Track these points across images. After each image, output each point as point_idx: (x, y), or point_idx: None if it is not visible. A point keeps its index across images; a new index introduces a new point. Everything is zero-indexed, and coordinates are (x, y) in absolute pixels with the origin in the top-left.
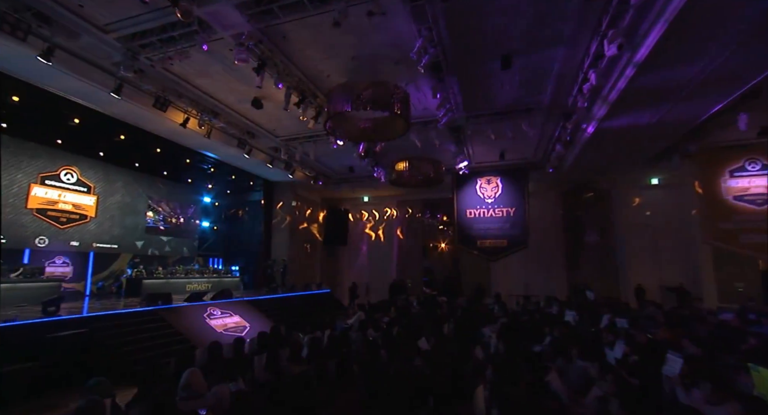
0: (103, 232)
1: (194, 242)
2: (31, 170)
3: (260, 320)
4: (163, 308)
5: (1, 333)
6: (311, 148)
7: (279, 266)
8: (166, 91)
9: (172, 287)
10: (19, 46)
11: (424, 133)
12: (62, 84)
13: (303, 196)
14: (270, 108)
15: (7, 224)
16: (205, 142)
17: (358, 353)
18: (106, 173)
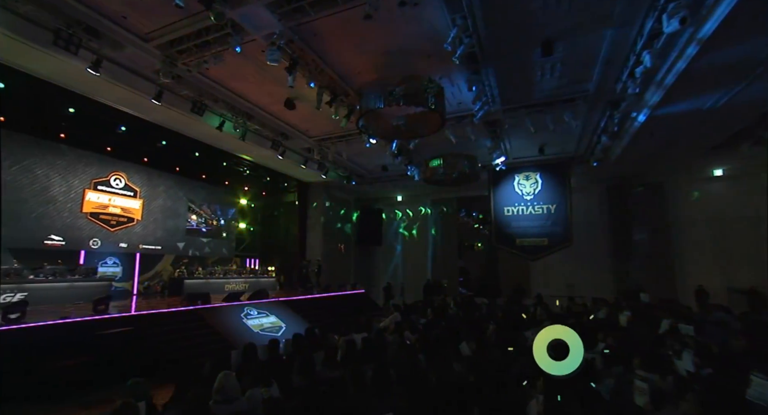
0: (148, 234)
1: (232, 243)
2: (85, 177)
3: (295, 320)
4: (202, 308)
5: (57, 330)
6: (344, 148)
7: (314, 267)
8: (203, 95)
9: (212, 287)
10: (71, 59)
11: (459, 128)
12: (110, 94)
13: (336, 197)
14: (302, 108)
15: (65, 227)
16: (241, 144)
17: (396, 358)
18: (150, 178)
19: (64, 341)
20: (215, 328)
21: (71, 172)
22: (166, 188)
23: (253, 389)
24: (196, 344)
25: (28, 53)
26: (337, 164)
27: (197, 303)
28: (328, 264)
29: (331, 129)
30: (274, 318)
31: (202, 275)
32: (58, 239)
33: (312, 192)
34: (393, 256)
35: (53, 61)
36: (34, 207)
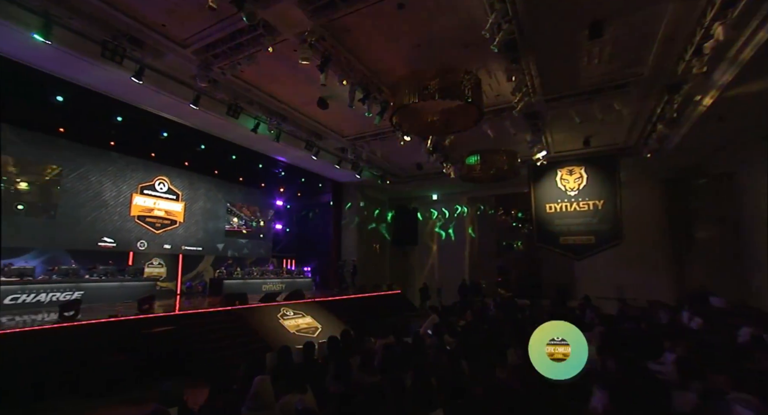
0: (190, 235)
1: (269, 243)
2: (132, 182)
3: (331, 321)
4: (240, 308)
5: (106, 328)
6: (378, 147)
7: (349, 267)
8: (238, 98)
9: (250, 288)
10: (117, 69)
11: (497, 122)
12: (152, 101)
13: (371, 197)
14: (335, 107)
15: (116, 229)
16: (275, 146)
17: (437, 364)
18: (191, 181)
19: (112, 339)
20: (252, 328)
21: (120, 177)
22: (206, 191)
23: (287, 396)
24: (234, 344)
25: (80, 66)
26: (371, 163)
27: (235, 303)
28: (363, 264)
29: (365, 127)
30: (310, 319)
31: (241, 275)
32: (110, 240)
33: (346, 192)
34: (429, 256)
35: (101, 72)
36: (89, 211)
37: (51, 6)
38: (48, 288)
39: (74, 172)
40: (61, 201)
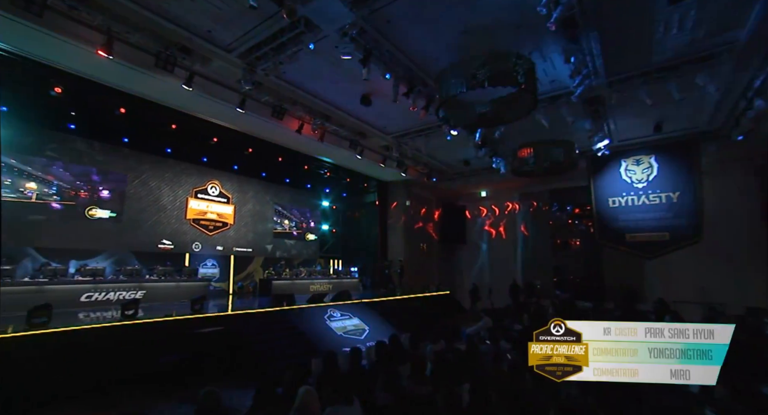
0: (240, 237)
1: (316, 244)
2: (187, 186)
3: (378, 323)
4: (288, 309)
5: (161, 327)
6: (423, 143)
7: (396, 267)
8: (282, 99)
9: (298, 288)
10: (169, 78)
11: (553, 110)
12: (201, 107)
13: (417, 195)
14: (379, 104)
15: (173, 232)
16: (320, 146)
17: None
18: (240, 184)
19: (167, 337)
20: (299, 329)
21: (176, 182)
22: (254, 194)
23: (332, 408)
24: (281, 346)
25: (137, 78)
26: (417, 161)
27: (283, 304)
28: (410, 264)
29: (409, 124)
30: (357, 320)
31: (289, 275)
32: (168, 242)
33: (392, 191)
34: (478, 255)
35: (156, 82)
36: (150, 215)
37: (112, 23)
38: (116, 287)
39: (137, 178)
40: (125, 206)
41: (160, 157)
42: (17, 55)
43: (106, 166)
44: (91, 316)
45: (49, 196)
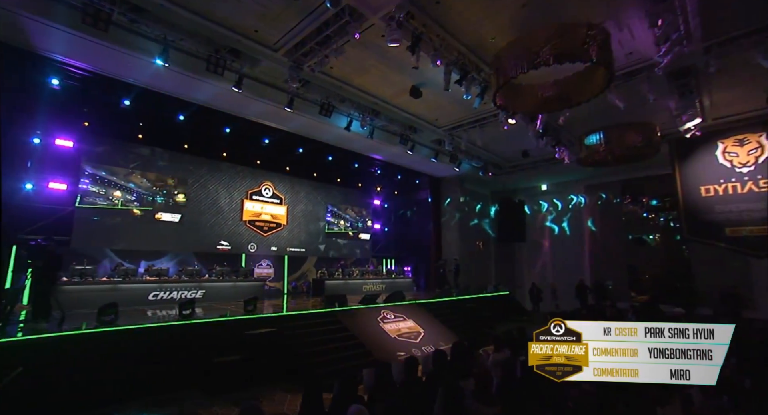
0: (293, 237)
1: (367, 244)
2: (242, 189)
3: (434, 325)
4: (340, 310)
5: (214, 328)
6: (477, 134)
7: (451, 266)
8: (329, 96)
9: (350, 288)
10: (220, 82)
11: (630, 88)
12: (252, 109)
13: (471, 191)
14: (429, 95)
15: (230, 233)
16: (369, 143)
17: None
18: (292, 185)
19: (221, 338)
20: (352, 331)
21: (232, 185)
22: (306, 194)
23: None
24: (333, 348)
25: (191, 84)
26: (471, 154)
27: (334, 305)
28: (466, 263)
29: (462, 114)
30: (412, 322)
31: (341, 275)
32: (225, 244)
33: (445, 187)
34: (539, 253)
35: (208, 87)
36: (209, 217)
37: (168, 32)
38: (178, 287)
39: (196, 182)
40: (186, 209)
41: (217, 161)
42: (92, 72)
43: (169, 173)
44: (157, 314)
45: (131, 203)
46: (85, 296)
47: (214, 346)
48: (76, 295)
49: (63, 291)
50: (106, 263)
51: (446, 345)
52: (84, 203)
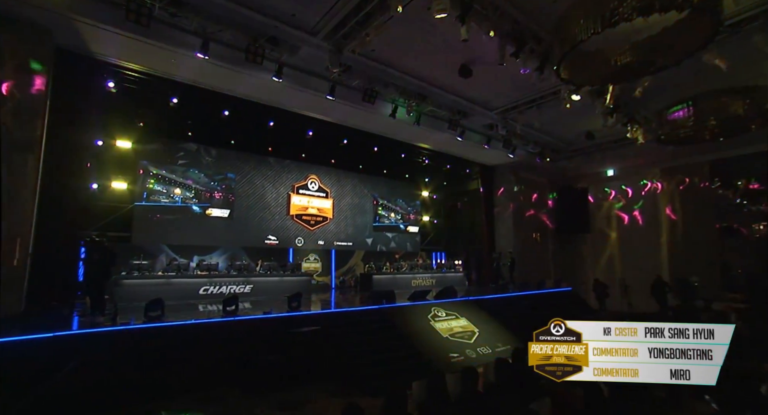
0: (340, 231)
1: (416, 237)
2: (288, 183)
3: (490, 324)
4: (388, 307)
5: (258, 325)
6: (535, 116)
7: (506, 260)
8: (372, 82)
9: (399, 283)
10: (260, 73)
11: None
12: (294, 100)
13: (527, 179)
14: (480, 74)
15: (277, 228)
16: (416, 131)
17: None
18: (338, 178)
19: (265, 335)
20: (401, 329)
21: (278, 179)
22: (352, 187)
23: None
24: (381, 348)
25: (232, 77)
26: (526, 139)
27: (382, 302)
28: (522, 257)
29: (518, 94)
30: (465, 321)
31: (389, 270)
32: (273, 238)
33: (498, 176)
34: (605, 245)
35: (250, 79)
36: (256, 212)
37: (206, 23)
38: (227, 282)
39: (244, 178)
40: (235, 205)
41: (262, 156)
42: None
43: (218, 169)
44: (208, 308)
45: (190, 200)
46: (141, 290)
47: (257, 344)
48: (133, 289)
49: (121, 285)
50: (162, 258)
51: (504, 346)
52: (150, 201)
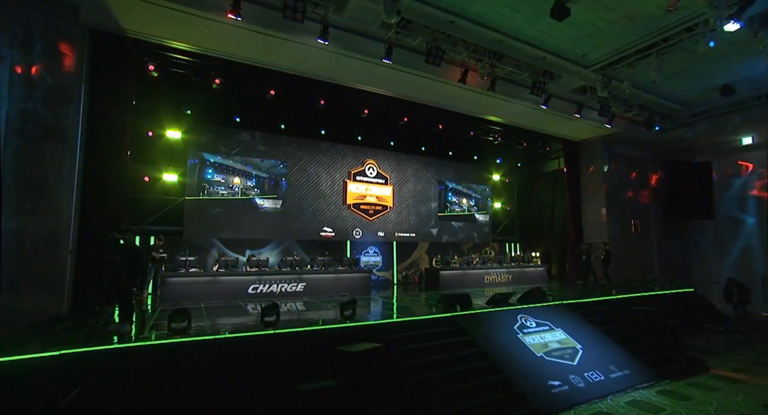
0: (402, 221)
1: (487, 226)
2: (344, 169)
3: (595, 338)
4: (461, 315)
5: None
6: (656, 65)
7: (598, 253)
8: (437, 39)
9: (469, 280)
10: (302, 36)
11: None
12: (344, 70)
13: (622, 155)
14: (579, 15)
15: (333, 219)
16: (488, 102)
17: None
18: (398, 162)
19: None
20: (481, 346)
21: (333, 166)
22: (415, 171)
23: None
24: (459, 373)
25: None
26: (630, 104)
27: (455, 309)
28: (617, 249)
29: (632, 36)
30: (562, 333)
31: (458, 264)
32: (329, 230)
33: (585, 153)
34: (737, 234)
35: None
36: (311, 202)
37: None
38: (278, 279)
39: (296, 165)
40: (288, 195)
41: (315, 141)
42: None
43: (269, 157)
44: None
45: (252, 190)
46: (188, 289)
47: (301, 366)
48: (178, 288)
49: (168, 284)
50: (215, 253)
51: (619, 371)
52: (208, 194)
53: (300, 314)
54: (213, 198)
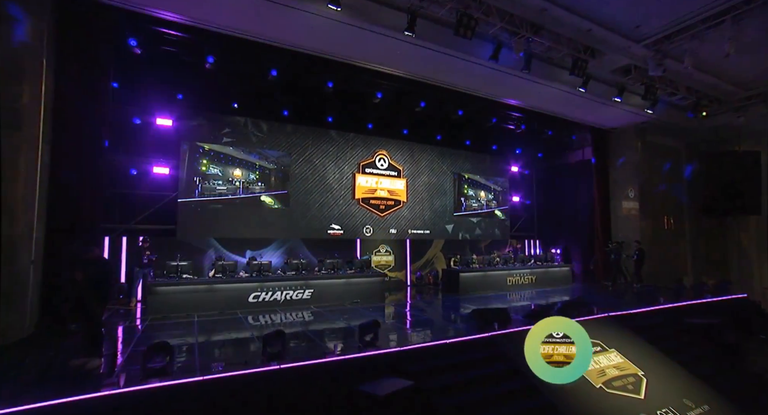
0: (415, 217)
1: (506, 221)
2: (353, 161)
3: (655, 361)
4: (502, 336)
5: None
6: (731, 34)
7: (630, 252)
8: (469, 8)
9: (491, 282)
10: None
11: None
12: (357, 47)
13: (656, 144)
14: None
15: (341, 215)
16: (519, 85)
17: None
18: (411, 153)
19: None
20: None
21: (341, 157)
22: (429, 163)
23: None
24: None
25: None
26: (676, 86)
27: (492, 327)
28: (653, 248)
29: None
30: (617, 356)
31: (478, 264)
32: (337, 227)
33: (615, 143)
34: None
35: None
36: (317, 197)
37: None
38: (282, 286)
39: (301, 157)
40: (292, 189)
41: (322, 129)
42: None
43: (270, 147)
44: (260, 321)
45: (254, 183)
46: (179, 299)
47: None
48: (168, 297)
49: (155, 293)
50: (211, 254)
51: (697, 407)
52: (204, 188)
53: (317, 320)
54: (209, 193)
